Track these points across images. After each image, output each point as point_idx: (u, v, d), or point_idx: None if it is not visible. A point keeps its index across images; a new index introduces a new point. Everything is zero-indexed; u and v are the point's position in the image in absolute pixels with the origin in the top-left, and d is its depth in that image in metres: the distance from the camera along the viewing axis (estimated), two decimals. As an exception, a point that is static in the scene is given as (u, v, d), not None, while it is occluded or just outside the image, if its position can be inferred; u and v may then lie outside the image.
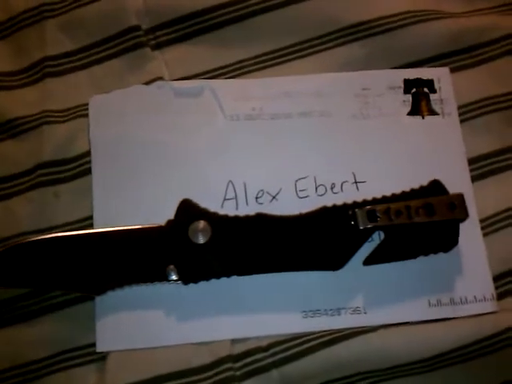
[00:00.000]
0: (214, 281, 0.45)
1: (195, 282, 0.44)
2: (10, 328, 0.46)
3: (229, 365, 0.43)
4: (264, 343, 0.44)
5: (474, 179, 0.49)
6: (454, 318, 0.45)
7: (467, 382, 0.45)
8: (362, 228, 0.44)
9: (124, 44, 0.52)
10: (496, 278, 0.46)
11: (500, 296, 0.46)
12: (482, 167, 0.49)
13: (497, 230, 0.48)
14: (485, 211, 0.48)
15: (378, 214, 0.44)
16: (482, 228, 0.47)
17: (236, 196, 0.47)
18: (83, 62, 0.52)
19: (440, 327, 0.44)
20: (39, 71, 0.52)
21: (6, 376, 0.45)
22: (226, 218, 0.45)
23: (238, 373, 0.43)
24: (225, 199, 0.47)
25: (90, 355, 0.45)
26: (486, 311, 0.45)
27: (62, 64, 0.52)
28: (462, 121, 0.50)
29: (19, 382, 0.45)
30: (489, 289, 0.46)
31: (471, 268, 0.46)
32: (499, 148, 0.50)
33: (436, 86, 0.51)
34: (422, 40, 0.52)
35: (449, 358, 0.44)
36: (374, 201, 0.45)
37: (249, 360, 0.44)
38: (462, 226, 0.45)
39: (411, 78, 0.51)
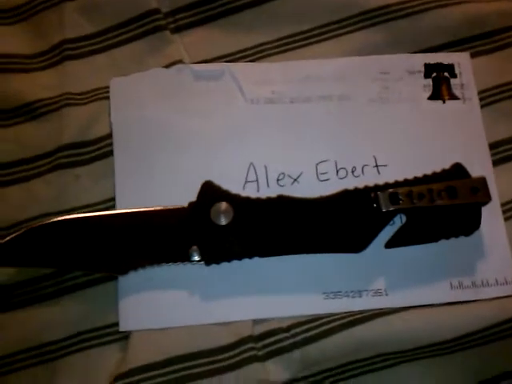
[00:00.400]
0: (235, 262, 0.45)
1: (217, 262, 0.45)
2: (31, 308, 0.46)
3: (251, 345, 0.44)
4: (285, 324, 0.44)
5: (494, 164, 0.49)
6: (475, 301, 0.45)
7: (487, 364, 0.45)
8: (384, 211, 0.44)
9: (143, 27, 0.52)
10: (517, 261, 0.46)
11: (521, 279, 0.46)
12: (502, 152, 0.50)
13: (517, 214, 0.47)
14: (505, 195, 0.48)
15: (401, 197, 0.44)
16: (503, 212, 0.47)
17: (257, 178, 0.47)
18: (103, 45, 0.52)
19: (461, 309, 0.44)
20: (58, 54, 0.52)
21: (25, 357, 0.45)
22: (247, 199, 0.45)
23: (259, 353, 0.44)
24: (246, 181, 0.47)
25: (111, 335, 0.45)
26: (507, 294, 0.45)
27: (81, 47, 0.52)
28: (482, 106, 0.50)
29: (39, 363, 0.45)
30: (510, 272, 0.46)
31: (492, 251, 0.46)
32: (519, 133, 0.50)
33: (456, 70, 0.51)
34: (441, 25, 0.52)
35: (470, 340, 0.44)
36: (396, 184, 0.45)
37: (270, 340, 0.44)
38: (484, 210, 0.45)
39: (431, 62, 0.51)
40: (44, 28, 0.53)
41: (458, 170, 0.45)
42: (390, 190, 0.44)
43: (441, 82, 0.50)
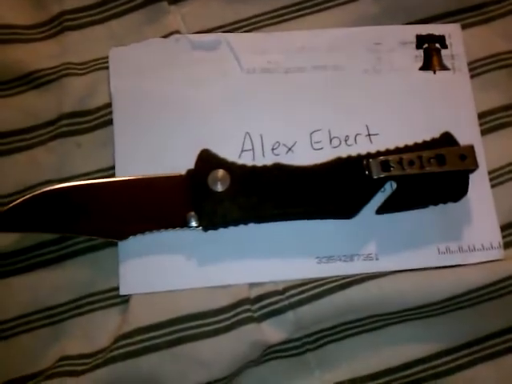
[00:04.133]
0: (232, 227, 0.46)
1: (214, 228, 0.46)
2: (33, 273, 0.47)
3: (247, 306, 0.45)
4: (280, 287, 0.46)
5: (482, 133, 0.50)
6: (462, 265, 0.47)
7: (475, 326, 0.47)
8: (375, 177, 0.45)
9: (142, -2, 0.52)
10: (503, 228, 0.48)
11: (507, 245, 0.48)
12: (490, 121, 0.51)
13: (504, 182, 0.49)
14: (493, 163, 0.49)
15: (392, 164, 0.45)
16: (490, 180, 0.49)
17: (253, 147, 0.49)
18: (101, 16, 0.53)
19: (449, 273, 0.46)
20: (58, 25, 0.52)
21: (30, 320, 0.47)
22: (244, 167, 0.46)
23: (255, 314, 0.45)
24: (242, 150, 0.48)
25: (112, 299, 0.47)
26: (493, 259, 0.47)
27: (80, 18, 0.53)
28: (471, 76, 0.52)
29: (43, 326, 0.46)
30: (496, 237, 0.47)
31: (479, 217, 0.48)
32: (507, 103, 0.52)
33: (447, 41, 0.52)
34: (432, -3, 0.53)
35: (457, 302, 0.46)
36: (387, 152, 0.46)
37: (266, 302, 0.45)
38: (471, 177, 0.47)
39: (423, 33, 0.52)
40: (43, -1, 0.53)
41: (447, 139, 0.47)
42: (381, 157, 0.45)
43: (432, 53, 0.51)
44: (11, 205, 0.45)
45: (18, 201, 0.45)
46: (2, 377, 0.45)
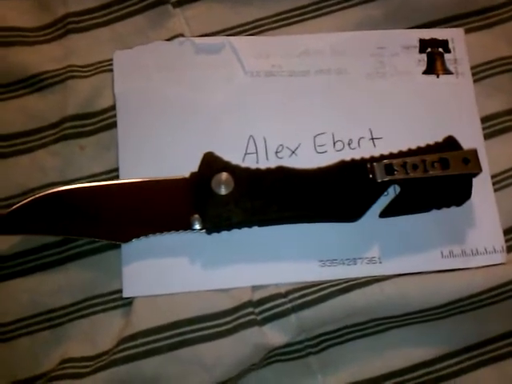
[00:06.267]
0: (235, 230, 0.46)
1: (218, 231, 0.46)
2: (36, 275, 0.47)
3: (250, 309, 0.45)
4: (283, 290, 0.46)
5: (485, 137, 0.50)
6: (465, 269, 0.47)
7: (477, 329, 0.47)
8: (379, 181, 0.45)
9: (146, 1, 0.53)
10: (506, 232, 0.48)
11: (510, 249, 0.48)
12: (493, 125, 0.51)
13: (507, 186, 0.49)
14: (496, 167, 0.50)
15: (395, 168, 0.45)
16: (494, 184, 0.49)
17: (257, 150, 0.49)
18: (106, 19, 0.53)
19: (452, 277, 0.46)
20: (62, 27, 0.53)
21: (32, 322, 0.47)
22: (247, 170, 0.46)
23: (258, 317, 0.45)
24: (246, 153, 0.49)
25: (115, 301, 0.47)
26: (496, 262, 0.47)
27: (84, 20, 0.53)
28: (474, 81, 0.52)
29: (45, 328, 0.47)
30: (499, 241, 0.47)
31: (482, 221, 0.48)
32: (510, 107, 0.52)
33: (450, 46, 0.52)
34: (436, 1, 0.53)
35: (460, 305, 0.46)
36: (391, 155, 0.47)
37: (268, 305, 0.45)
38: (474, 181, 0.46)
39: (426, 38, 0.52)
40: (48, 2, 0.53)
41: (450, 143, 0.47)
42: (385, 161, 0.45)
43: (435, 57, 0.52)
44: (14, 207, 0.45)
45: (21, 203, 0.45)
46: (4, 379, 0.45)
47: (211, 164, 0.46)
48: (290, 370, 0.46)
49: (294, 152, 0.49)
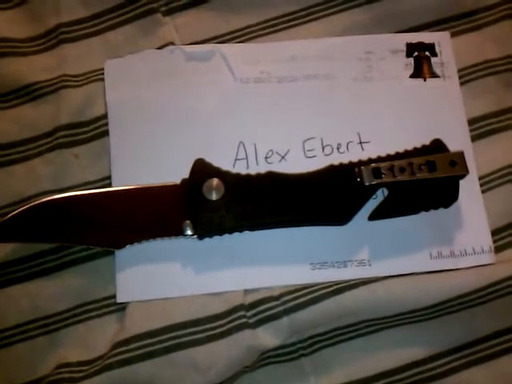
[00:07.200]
0: (226, 235, 0.47)
1: (209, 236, 0.47)
2: (32, 282, 0.48)
3: (242, 313, 0.46)
4: (275, 293, 0.46)
5: (473, 139, 0.51)
6: (454, 269, 0.47)
7: (467, 329, 0.48)
8: (367, 184, 0.46)
9: (136, 10, 0.54)
10: (494, 233, 0.49)
11: (498, 249, 0.48)
12: (480, 128, 0.52)
13: (494, 187, 0.50)
14: (483, 169, 0.50)
15: (383, 171, 0.46)
16: (481, 185, 0.50)
17: (247, 156, 0.49)
18: (97, 29, 0.54)
19: (441, 277, 0.47)
20: (55, 37, 0.53)
21: (28, 328, 0.47)
22: (238, 175, 0.47)
23: (250, 320, 0.46)
24: (236, 159, 0.49)
25: (109, 306, 0.47)
26: (484, 263, 0.48)
27: (76, 30, 0.54)
28: (461, 83, 0.52)
29: (41, 334, 0.47)
30: (487, 242, 0.48)
31: (470, 222, 0.49)
32: (497, 109, 0.52)
33: (437, 49, 0.53)
34: (422, 5, 0.54)
35: (449, 305, 0.47)
36: (379, 159, 0.47)
37: (261, 308, 0.46)
38: (462, 183, 0.47)
39: (413, 42, 0.53)
40: (40, 12, 0.54)
41: (437, 146, 0.47)
42: (373, 164, 0.46)
43: (422, 61, 0.52)
44: (9, 215, 0.46)
45: (16, 211, 0.46)
46: (1, 384, 0.46)
47: (202, 170, 0.47)
48: (282, 372, 0.47)
49: (283, 157, 0.49)
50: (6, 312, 0.47)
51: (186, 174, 0.47)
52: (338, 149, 0.49)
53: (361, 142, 0.50)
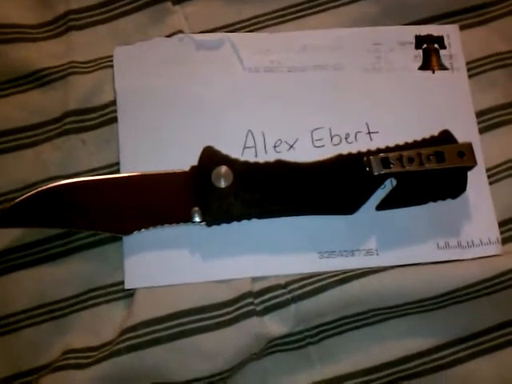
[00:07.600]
0: (235, 223, 0.47)
1: (218, 223, 0.47)
2: (39, 267, 0.48)
3: (249, 300, 0.46)
4: (282, 281, 0.46)
5: (480, 131, 0.51)
6: (461, 260, 0.47)
7: (473, 319, 0.48)
8: (376, 174, 0.46)
9: (146, -2, 0.53)
10: (501, 224, 0.49)
11: (504, 241, 0.49)
12: (488, 120, 0.52)
13: (502, 179, 0.50)
14: (491, 161, 0.50)
15: (392, 161, 0.46)
16: (488, 177, 0.50)
17: (255, 145, 0.49)
18: (106, 16, 0.54)
19: (448, 268, 0.47)
20: (63, 24, 0.53)
21: (35, 314, 0.47)
22: (246, 163, 0.47)
23: (257, 308, 0.46)
24: (245, 147, 0.49)
25: (117, 293, 0.47)
26: (491, 254, 0.48)
27: (85, 17, 0.54)
28: (469, 76, 0.53)
29: (48, 320, 0.47)
30: (494, 233, 0.48)
31: (478, 213, 0.49)
32: (504, 102, 0.53)
33: (446, 42, 0.53)
34: (432, -2, 0.54)
35: (456, 296, 0.47)
36: (388, 149, 0.47)
37: (268, 296, 0.46)
38: (470, 175, 0.47)
39: (422, 34, 0.53)
40: (49, -1, 0.54)
41: (445, 137, 0.48)
42: (382, 154, 0.46)
43: (430, 53, 0.52)
44: (17, 200, 0.46)
45: (24, 196, 0.46)
46: (8, 370, 0.46)
47: (211, 158, 0.47)
48: (289, 360, 0.47)
49: (292, 146, 0.49)
50: (12, 297, 0.47)
51: (194, 162, 0.47)
52: (346, 139, 0.49)
53: (369, 132, 0.50)
